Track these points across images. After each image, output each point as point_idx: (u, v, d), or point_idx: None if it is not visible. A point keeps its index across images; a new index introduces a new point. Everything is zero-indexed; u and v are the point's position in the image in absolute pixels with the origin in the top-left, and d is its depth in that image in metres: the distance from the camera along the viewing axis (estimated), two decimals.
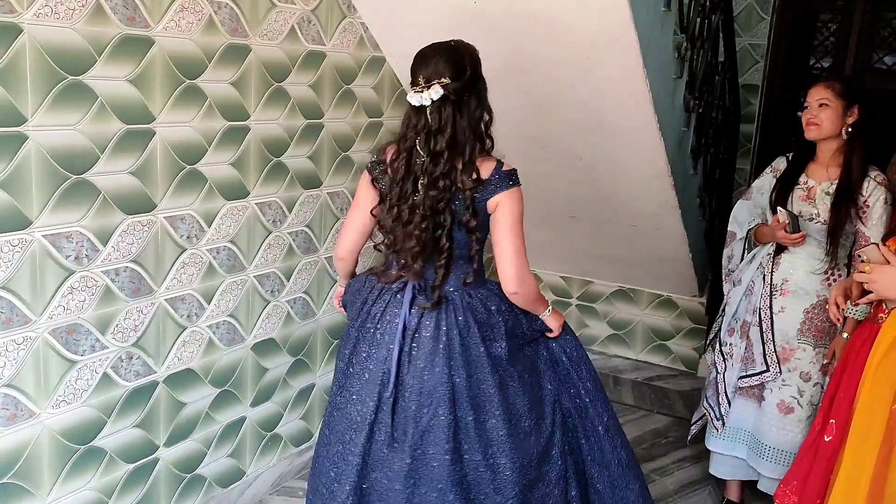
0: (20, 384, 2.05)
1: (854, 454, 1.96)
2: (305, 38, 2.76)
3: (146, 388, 2.41)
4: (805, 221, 2.66)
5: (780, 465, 2.69)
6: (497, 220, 2.00)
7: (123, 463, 2.38)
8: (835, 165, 2.67)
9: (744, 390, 2.82)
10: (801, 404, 2.68)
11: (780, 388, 2.71)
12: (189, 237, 2.46)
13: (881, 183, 2.58)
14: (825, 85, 2.64)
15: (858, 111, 2.62)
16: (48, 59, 1.97)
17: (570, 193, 3.58)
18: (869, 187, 2.59)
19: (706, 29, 3.28)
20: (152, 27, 2.22)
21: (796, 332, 2.69)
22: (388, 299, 2.07)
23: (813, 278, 2.68)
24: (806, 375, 2.67)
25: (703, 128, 3.55)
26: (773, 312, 2.73)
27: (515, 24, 2.67)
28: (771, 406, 2.72)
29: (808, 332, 2.67)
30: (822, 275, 2.66)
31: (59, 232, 2.07)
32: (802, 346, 2.68)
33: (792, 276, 2.71)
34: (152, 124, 2.28)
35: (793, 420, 2.68)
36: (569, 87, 2.89)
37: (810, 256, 2.68)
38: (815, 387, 2.67)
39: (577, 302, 4.52)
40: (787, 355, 2.70)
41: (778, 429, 2.70)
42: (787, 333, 2.71)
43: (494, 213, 2.00)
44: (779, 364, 2.70)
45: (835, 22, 4.73)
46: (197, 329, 2.55)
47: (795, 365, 2.69)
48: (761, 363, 2.74)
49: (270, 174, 2.73)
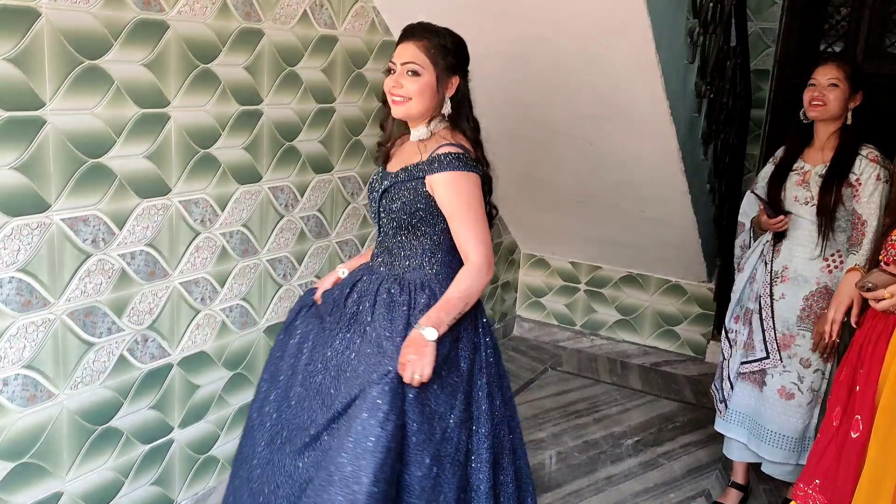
0: (39, 366, 2.07)
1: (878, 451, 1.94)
2: (318, 22, 2.76)
3: (161, 371, 2.44)
4: (801, 205, 2.67)
5: (781, 449, 2.73)
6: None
7: (139, 444, 2.41)
8: (830, 149, 2.66)
9: (745, 375, 2.84)
10: (801, 390, 2.70)
11: (781, 374, 2.72)
12: (203, 221, 2.48)
13: (873, 160, 2.56)
14: (837, 65, 2.62)
15: (862, 97, 2.61)
16: (66, 43, 1.98)
17: (580, 179, 3.59)
18: (861, 164, 2.57)
19: (719, 14, 3.27)
20: (167, 11, 2.23)
21: (796, 318, 2.70)
22: None
23: (812, 265, 2.68)
24: (806, 362, 2.69)
25: (714, 113, 3.54)
26: (773, 299, 2.74)
27: (528, 9, 2.67)
28: (772, 391, 2.74)
29: (807, 319, 2.68)
30: (821, 261, 2.67)
31: (76, 216, 2.09)
32: (802, 332, 2.69)
33: (791, 263, 2.72)
34: (167, 108, 2.29)
35: (793, 405, 2.70)
36: (580, 72, 2.89)
37: (809, 242, 2.68)
38: (816, 373, 2.68)
39: (585, 287, 4.54)
40: (787, 342, 2.72)
41: (779, 414, 2.72)
42: (788, 320, 2.72)
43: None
44: (779, 351, 2.72)
45: (846, 6, 4.70)
46: (210, 312, 2.58)
47: (795, 351, 2.70)
48: (761, 349, 2.76)
49: (283, 158, 2.74)
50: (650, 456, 3.34)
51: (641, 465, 3.27)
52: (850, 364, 2.19)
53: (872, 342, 2.09)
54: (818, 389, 2.68)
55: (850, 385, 2.15)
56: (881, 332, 2.07)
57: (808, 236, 2.68)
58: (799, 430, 2.69)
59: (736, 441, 2.90)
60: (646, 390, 4.02)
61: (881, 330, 2.08)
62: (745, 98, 4.14)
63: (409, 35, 1.94)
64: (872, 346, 2.09)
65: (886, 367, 2.01)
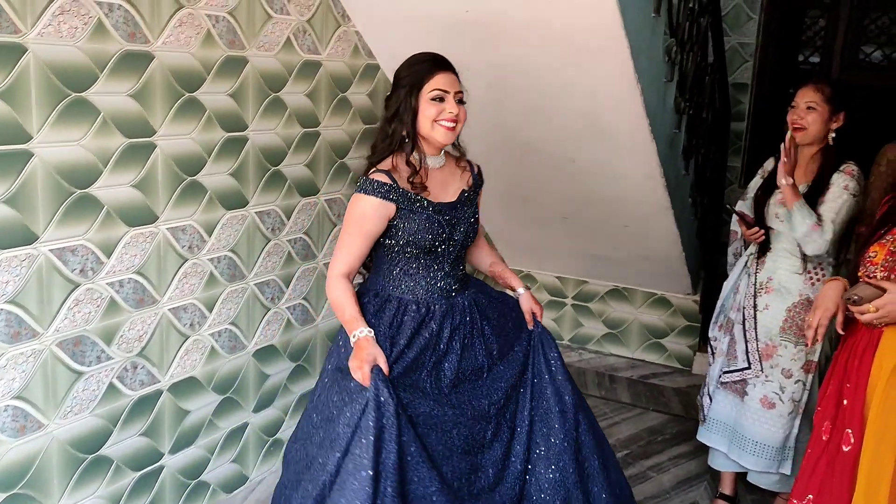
0: (29, 396, 2.08)
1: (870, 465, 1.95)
2: (301, 48, 2.80)
3: (151, 397, 2.45)
4: (781, 222, 2.73)
5: (763, 459, 2.77)
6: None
7: (130, 471, 2.41)
8: (812, 170, 2.71)
9: (727, 384, 2.88)
10: (782, 400, 2.74)
11: (764, 384, 2.76)
12: (190, 247, 2.50)
13: (848, 172, 2.61)
14: (815, 87, 2.66)
15: (844, 118, 2.66)
16: (52, 76, 2.01)
17: (564, 195, 3.63)
18: (835, 177, 2.62)
19: (695, 32, 3.33)
20: (152, 42, 2.26)
21: (779, 329, 2.75)
22: None
23: (795, 278, 2.73)
24: (787, 372, 2.73)
25: (694, 128, 3.60)
26: (756, 310, 2.79)
27: (508, 31, 2.72)
28: (754, 401, 2.78)
29: (790, 330, 2.73)
30: (804, 274, 2.71)
31: (64, 246, 2.11)
32: (784, 343, 2.74)
33: (776, 275, 2.77)
34: (153, 137, 2.31)
35: (775, 415, 2.74)
36: (561, 91, 2.93)
37: (791, 256, 2.73)
38: (797, 384, 2.72)
39: (572, 302, 4.57)
40: (769, 352, 2.76)
41: (760, 423, 2.77)
42: (771, 331, 2.76)
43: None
44: (760, 362, 2.76)
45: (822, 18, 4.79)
46: (199, 337, 2.59)
47: (777, 361, 2.75)
48: (743, 360, 2.81)
49: (269, 183, 2.77)
50: (639, 469, 3.37)
51: (631, 478, 3.27)
52: (836, 378, 2.19)
53: (858, 356, 2.10)
54: (799, 400, 2.72)
55: (838, 399, 2.15)
56: (866, 345, 2.09)
57: (791, 250, 2.73)
58: (779, 440, 2.73)
59: (718, 451, 2.93)
60: (634, 403, 4.05)
61: (866, 343, 2.09)
62: (724, 112, 4.21)
63: (447, 66, 2.10)
64: (858, 359, 2.10)
65: (874, 380, 2.03)
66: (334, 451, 1.92)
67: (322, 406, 2.09)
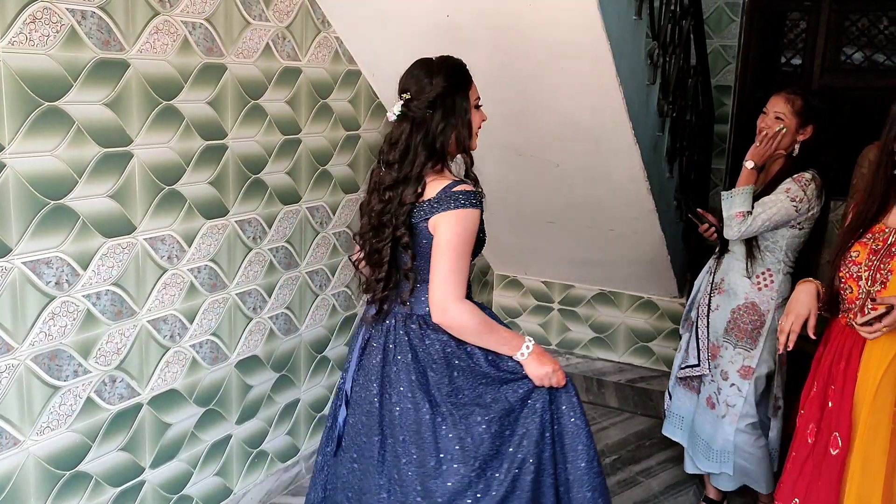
0: (4, 412, 2.04)
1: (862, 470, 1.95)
2: (280, 54, 2.77)
3: (130, 411, 2.40)
4: (724, 201, 2.70)
5: (710, 461, 2.79)
6: (435, 241, 1.88)
7: (109, 487, 2.37)
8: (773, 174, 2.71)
9: (685, 381, 2.93)
10: (718, 401, 2.76)
11: (709, 384, 2.82)
12: (170, 257, 2.46)
13: (796, 178, 2.58)
14: (786, 98, 2.65)
15: (812, 131, 2.64)
16: (24, 86, 1.97)
17: (548, 199, 3.61)
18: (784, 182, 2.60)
19: (677, 35, 3.33)
20: (127, 50, 2.22)
21: (723, 330, 2.78)
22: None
23: (743, 280, 2.74)
24: (724, 374, 2.75)
25: (678, 131, 3.59)
26: (710, 310, 2.83)
27: (489, 37, 2.70)
28: (703, 399, 2.84)
29: (731, 332, 2.75)
30: (753, 277, 2.71)
31: (38, 258, 2.06)
32: (725, 344, 2.76)
33: (728, 277, 2.80)
34: (130, 147, 2.27)
35: (716, 416, 2.77)
36: (544, 96, 2.92)
37: (742, 258, 2.75)
38: (732, 388, 2.73)
39: (558, 306, 4.55)
40: (714, 352, 2.80)
41: (707, 423, 2.81)
42: (717, 331, 2.80)
43: (435, 234, 1.88)
44: (708, 361, 2.80)
45: (803, 20, 4.81)
46: (180, 349, 2.55)
47: (719, 363, 2.78)
48: (694, 357, 2.86)
49: (249, 191, 2.73)
50: (628, 474, 3.35)
51: (619, 483, 3.27)
52: (820, 380, 2.16)
53: (844, 358, 2.07)
54: (733, 405, 2.72)
55: (822, 401, 2.13)
56: (851, 347, 2.06)
57: (743, 253, 2.75)
58: (715, 441, 2.76)
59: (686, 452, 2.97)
60: (622, 408, 4.03)
61: (851, 345, 2.06)
62: (707, 115, 4.21)
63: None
64: (845, 361, 2.07)
65: (862, 382, 2.01)
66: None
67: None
